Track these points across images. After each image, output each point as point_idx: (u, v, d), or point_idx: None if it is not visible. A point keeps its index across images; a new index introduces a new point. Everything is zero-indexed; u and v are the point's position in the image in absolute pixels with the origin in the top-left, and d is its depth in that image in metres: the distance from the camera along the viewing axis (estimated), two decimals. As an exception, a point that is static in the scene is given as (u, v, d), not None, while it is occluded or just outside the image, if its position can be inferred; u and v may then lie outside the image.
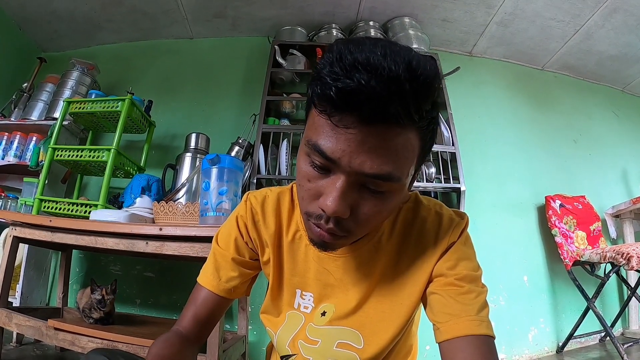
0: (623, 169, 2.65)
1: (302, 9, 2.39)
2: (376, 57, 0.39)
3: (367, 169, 0.42)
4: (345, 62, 0.39)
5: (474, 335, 0.50)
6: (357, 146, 0.41)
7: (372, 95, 0.38)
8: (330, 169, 0.44)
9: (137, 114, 1.94)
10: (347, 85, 0.38)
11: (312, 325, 0.65)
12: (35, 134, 2.15)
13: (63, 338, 1.34)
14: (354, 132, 0.41)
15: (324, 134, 0.43)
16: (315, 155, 0.44)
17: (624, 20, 2.32)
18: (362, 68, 0.38)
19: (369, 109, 0.39)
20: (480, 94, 2.57)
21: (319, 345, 0.64)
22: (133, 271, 2.03)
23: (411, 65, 0.39)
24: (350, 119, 0.40)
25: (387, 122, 0.40)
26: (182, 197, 1.71)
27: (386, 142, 0.41)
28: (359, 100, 0.39)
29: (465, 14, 2.38)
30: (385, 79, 0.38)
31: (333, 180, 0.44)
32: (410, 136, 0.43)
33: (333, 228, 0.47)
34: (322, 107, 0.42)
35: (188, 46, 2.61)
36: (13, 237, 1.53)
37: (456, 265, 0.56)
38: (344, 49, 0.40)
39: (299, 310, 0.66)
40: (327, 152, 0.42)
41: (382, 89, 0.38)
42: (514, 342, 2.03)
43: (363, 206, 0.46)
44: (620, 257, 1.73)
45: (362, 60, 0.39)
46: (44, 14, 2.41)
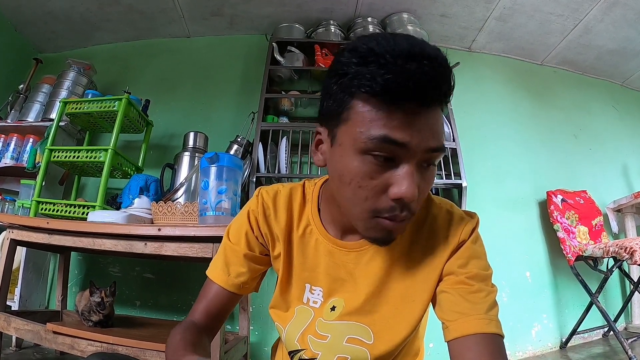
0: (623, 164, 2.64)
1: (299, 6, 2.37)
2: (417, 46, 0.44)
3: (432, 144, 0.46)
4: (392, 54, 0.43)
5: (483, 334, 0.50)
6: (423, 126, 0.46)
7: (431, 79, 0.43)
8: (395, 158, 0.47)
9: (134, 114, 1.92)
10: (409, 72, 0.42)
11: (322, 320, 0.64)
12: (32, 136, 2.14)
13: (62, 342, 1.33)
14: (418, 116, 0.45)
15: (389, 124, 0.45)
16: (383, 147, 0.46)
17: (623, 14, 2.31)
18: (411, 57, 0.42)
19: (429, 92, 0.44)
20: (480, 89, 2.56)
21: (328, 340, 0.63)
22: (132, 272, 2.01)
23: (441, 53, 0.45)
24: (413, 103, 0.44)
25: (437, 103, 0.46)
26: (181, 197, 1.69)
27: (437, 120, 0.47)
28: (421, 85, 0.43)
29: (463, 9, 2.36)
30: (436, 64, 0.43)
31: (402, 167, 0.47)
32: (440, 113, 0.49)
33: (407, 214, 0.49)
34: (383, 98, 0.44)
35: (185, 45, 2.59)
36: (10, 240, 1.51)
37: (467, 263, 0.57)
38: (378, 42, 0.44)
39: (308, 305, 0.66)
40: (399, 139, 0.45)
41: (436, 73, 0.43)
42: (517, 339, 2.02)
43: (423, 184, 0.49)
44: (624, 252, 1.72)
45: (407, 50, 0.43)
46: (41, 15, 2.39)
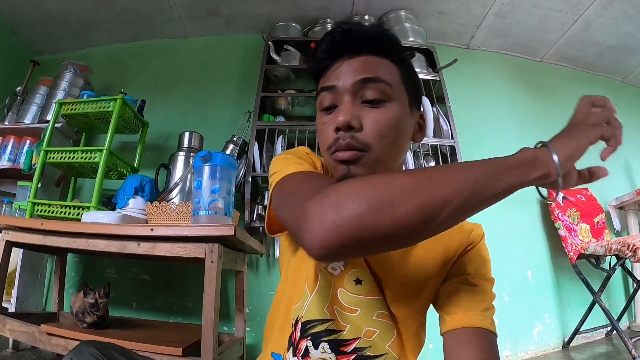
0: (626, 160, 2.61)
1: (296, 4, 2.36)
2: (345, 22, 0.59)
3: (358, 77, 0.55)
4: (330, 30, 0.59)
5: (477, 328, 0.54)
6: (344, 71, 0.56)
7: (345, 33, 0.57)
8: (335, 104, 0.57)
9: (129, 114, 1.92)
10: (333, 34, 0.58)
11: (346, 292, 0.61)
12: (29, 138, 2.13)
13: (56, 343, 1.32)
14: (341, 62, 0.57)
15: (324, 79, 0.59)
16: (321, 95, 0.59)
17: (623, 10, 2.29)
18: (337, 27, 0.58)
19: (346, 43, 0.57)
20: (479, 86, 2.54)
21: (358, 313, 0.61)
22: (129, 274, 2.00)
23: (375, 24, 0.58)
24: (338, 59, 0.58)
25: (363, 50, 0.57)
26: (175, 197, 1.68)
27: (367, 61, 0.57)
28: (340, 40, 0.57)
29: (461, 6, 2.35)
30: (352, 26, 0.57)
31: (339, 106, 0.56)
32: (387, 62, 0.58)
33: (350, 142, 0.53)
34: (319, 63, 0.60)
35: (182, 45, 2.58)
36: (5, 241, 1.50)
37: (472, 265, 0.61)
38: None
39: (327, 270, 0.62)
40: (328, 84, 0.57)
41: (349, 29, 0.57)
42: (518, 339, 1.99)
43: (369, 117, 0.55)
44: (626, 249, 1.70)
45: (337, 25, 0.59)
46: (37, 17, 2.39)
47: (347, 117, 0.53)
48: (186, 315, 1.91)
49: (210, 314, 1.18)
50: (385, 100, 0.55)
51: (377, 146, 0.54)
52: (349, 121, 0.53)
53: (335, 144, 0.55)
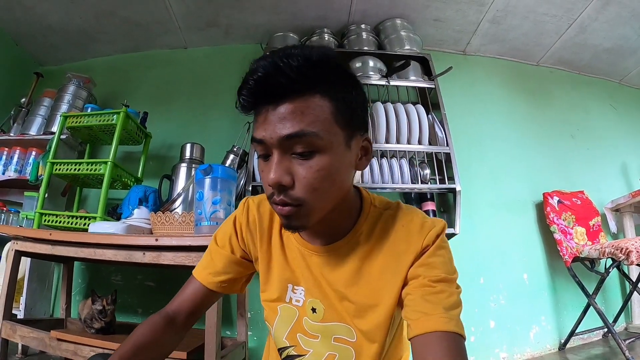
0: (622, 163, 2.64)
1: (294, 14, 2.39)
2: (262, 59, 0.52)
3: (283, 132, 0.51)
4: (246, 75, 0.53)
5: (442, 332, 0.52)
6: (271, 121, 0.52)
7: (260, 82, 0.51)
8: (268, 153, 0.55)
9: (132, 126, 1.96)
10: (246, 85, 0.53)
11: (308, 320, 0.69)
12: (35, 149, 2.18)
13: (66, 348, 1.37)
14: (266, 114, 0.53)
15: (254, 128, 0.56)
16: (255, 147, 0.57)
17: (618, 12, 2.31)
18: (253, 72, 0.52)
19: (264, 92, 0.52)
20: (475, 92, 2.57)
21: (319, 339, 0.69)
22: (134, 281, 2.05)
23: (286, 52, 0.51)
24: (261, 106, 0.54)
25: (284, 96, 0.52)
26: (178, 207, 1.72)
27: (291, 109, 0.52)
28: (256, 90, 0.52)
29: (457, 13, 2.38)
30: (267, 68, 0.51)
31: (271, 159, 0.55)
32: (314, 99, 0.52)
33: (283, 199, 0.54)
34: (242, 110, 0.56)
35: (182, 56, 2.62)
36: (15, 251, 1.56)
37: (430, 268, 0.59)
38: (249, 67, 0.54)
39: (291, 304, 0.70)
40: (257, 136, 0.55)
41: (265, 76, 0.51)
42: (515, 341, 2.03)
43: (300, 171, 0.53)
44: (620, 252, 1.73)
45: (253, 67, 0.52)
46: (39, 28, 2.44)
47: (276, 177, 0.53)
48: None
49: (213, 319, 1.24)
50: (314, 151, 0.53)
51: (311, 200, 0.55)
52: (278, 182, 0.53)
53: (271, 197, 0.56)
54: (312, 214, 0.56)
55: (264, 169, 0.56)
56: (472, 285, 2.08)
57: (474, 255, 2.13)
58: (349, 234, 0.65)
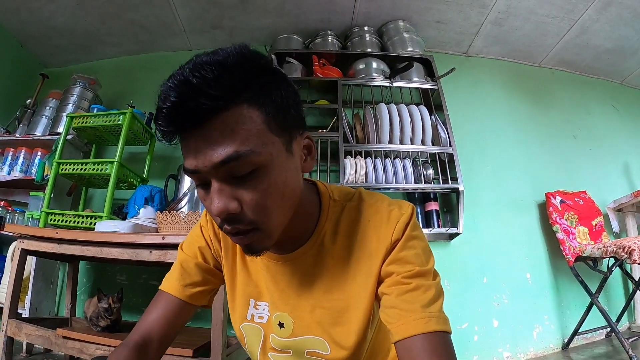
0: (624, 162, 2.64)
1: (297, 17, 2.42)
2: (173, 77, 0.44)
3: (215, 159, 0.45)
4: (161, 91, 0.45)
5: (423, 334, 0.49)
6: (198, 147, 0.46)
7: (175, 107, 0.43)
8: (205, 181, 0.49)
9: (138, 127, 1.98)
10: (161, 112, 0.44)
11: (275, 337, 0.64)
12: (40, 149, 2.20)
13: (72, 346, 1.38)
14: (190, 139, 0.46)
15: (183, 154, 0.48)
16: (189, 176, 0.50)
17: (619, 13, 2.33)
18: (167, 91, 0.44)
19: (182, 117, 0.44)
20: (477, 93, 2.59)
21: (291, 354, 0.64)
22: (139, 280, 2.06)
23: (196, 63, 0.44)
24: (183, 134, 0.47)
25: (204, 115, 0.44)
26: (184, 207, 1.74)
27: (216, 129, 0.45)
28: (173, 118, 0.44)
29: (459, 15, 2.40)
30: (177, 88, 0.43)
31: (211, 187, 0.48)
32: (238, 111, 0.45)
33: (235, 227, 0.49)
34: (166, 137, 0.47)
35: (187, 57, 2.51)
36: (21, 249, 1.56)
37: (403, 262, 0.55)
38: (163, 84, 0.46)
39: (253, 322, 0.66)
40: (188, 167, 0.48)
41: (178, 97, 0.43)
42: (518, 340, 2.03)
43: (245, 195, 0.48)
44: (622, 251, 1.73)
45: (166, 87, 0.44)
46: (45, 30, 2.47)
47: (220, 207, 0.47)
48: (195, 320, 1.97)
49: (219, 317, 1.25)
50: (255, 170, 0.47)
51: (265, 221, 0.50)
52: (224, 211, 0.47)
53: (222, 228, 0.50)
54: (270, 234, 0.52)
55: (205, 198, 0.50)
56: (476, 285, 2.09)
57: (477, 255, 2.14)
58: (312, 236, 0.60)
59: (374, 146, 2.02)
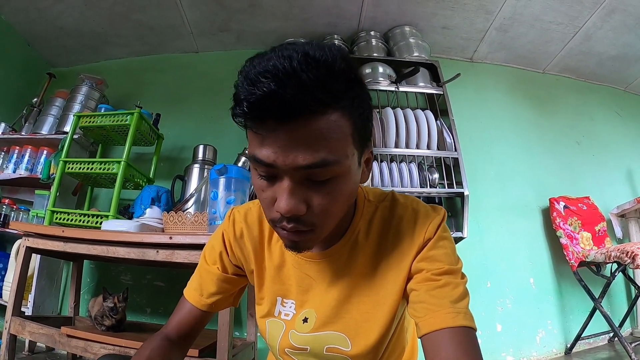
0: (628, 169, 2.65)
1: (305, 21, 2.43)
2: (273, 61, 0.42)
3: (301, 162, 0.44)
4: (249, 77, 0.42)
5: (450, 328, 0.50)
6: (285, 144, 0.44)
7: (274, 96, 0.41)
8: (275, 175, 0.47)
9: (145, 127, 1.99)
10: (253, 96, 0.41)
11: (295, 332, 0.65)
12: (46, 148, 2.21)
13: (76, 345, 1.37)
14: (278, 133, 0.43)
15: (256, 145, 0.46)
16: (257, 166, 0.48)
17: (623, 21, 2.35)
18: (262, 76, 0.41)
19: (278, 109, 0.42)
20: (482, 99, 2.60)
21: (309, 351, 0.65)
22: (143, 280, 2.06)
23: (307, 57, 0.42)
24: (269, 123, 0.43)
25: (302, 114, 0.42)
26: (190, 207, 1.74)
27: (310, 132, 0.43)
28: (267, 105, 0.42)
29: (464, 21, 2.42)
30: (281, 77, 0.41)
31: (280, 183, 0.47)
32: (333, 118, 0.44)
33: (295, 226, 0.49)
34: (245, 123, 0.46)
35: (194, 60, 2.66)
36: (26, 247, 1.56)
37: (433, 260, 0.56)
38: (249, 65, 0.44)
39: (280, 318, 0.67)
40: (264, 159, 0.45)
41: (280, 87, 0.40)
42: (521, 345, 2.03)
43: (315, 198, 0.48)
44: (625, 256, 1.74)
45: (262, 70, 0.42)
46: (52, 30, 2.48)
47: (291, 207, 0.46)
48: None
49: (225, 318, 1.25)
50: (332, 177, 0.47)
51: (325, 224, 0.51)
52: (293, 212, 0.47)
53: (279, 223, 0.50)
54: (321, 236, 0.53)
55: (266, 189, 0.49)
56: (479, 289, 2.09)
57: (481, 259, 2.14)
58: (346, 234, 0.61)
59: (380, 150, 2.03)
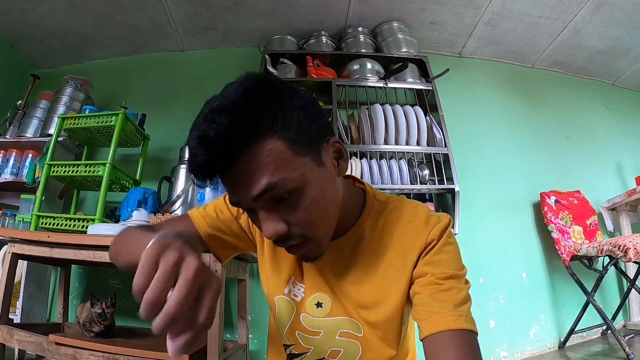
0: (617, 162, 2.67)
1: (290, 19, 2.41)
2: (194, 132, 0.47)
3: (253, 194, 0.48)
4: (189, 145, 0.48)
5: (452, 330, 0.51)
6: (234, 187, 0.50)
7: (203, 166, 0.47)
8: (251, 208, 0.53)
9: (131, 128, 1.96)
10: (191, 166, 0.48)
11: (309, 316, 0.67)
12: (31, 151, 2.17)
13: (64, 352, 1.34)
14: (226, 181, 0.50)
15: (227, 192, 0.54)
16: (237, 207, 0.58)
17: (611, 14, 2.35)
18: (191, 148, 0.48)
19: (211, 172, 0.48)
20: (471, 94, 2.60)
21: (321, 335, 0.66)
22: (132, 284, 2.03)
23: (212, 108, 0.47)
24: (218, 176, 0.50)
25: (231, 164, 0.47)
26: (178, 209, 1.72)
27: (246, 169, 0.47)
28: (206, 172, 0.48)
29: (453, 16, 2.41)
30: (202, 142, 0.45)
31: (258, 214, 0.53)
32: (262, 147, 0.47)
33: (290, 242, 0.54)
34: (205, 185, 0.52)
35: (180, 59, 2.63)
36: (12, 254, 1.53)
37: (438, 265, 0.58)
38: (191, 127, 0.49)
39: (290, 297, 0.68)
40: (232, 201, 0.53)
41: (203, 154, 0.46)
42: (515, 340, 2.03)
43: (291, 215, 0.52)
44: (617, 250, 1.75)
45: (191, 140, 0.47)
46: (36, 31, 2.43)
47: (271, 231, 0.51)
48: (189, 324, 1.94)
49: (215, 321, 1.22)
50: (292, 192, 0.49)
51: (313, 232, 0.54)
52: (275, 235, 0.51)
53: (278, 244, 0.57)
54: (321, 242, 0.56)
55: (255, 221, 0.55)
56: (472, 285, 2.07)
57: (473, 255, 2.14)
58: (353, 228, 0.64)
59: (369, 147, 2.01)
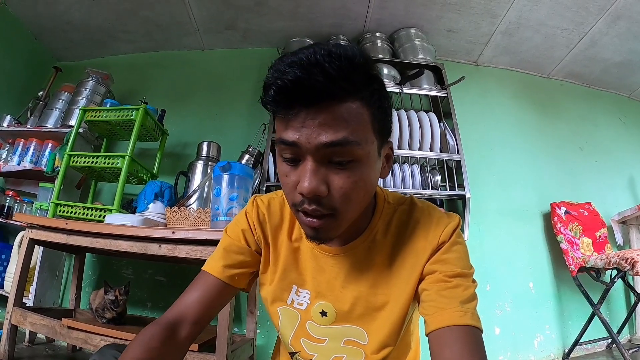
0: (630, 176, 2.65)
1: (311, 21, 2.44)
2: (299, 55, 0.47)
3: (324, 139, 0.48)
4: (278, 69, 0.47)
5: (458, 326, 0.52)
6: (309, 125, 0.48)
7: (300, 82, 0.46)
8: (298, 157, 0.51)
9: (150, 123, 2.00)
10: (279, 82, 0.47)
11: (314, 324, 0.67)
12: (51, 141, 2.22)
13: (76, 336, 1.39)
14: (302, 115, 0.48)
15: (282, 129, 0.51)
16: (282, 148, 0.52)
17: (628, 27, 2.34)
18: (289, 67, 0.46)
19: (303, 94, 0.47)
20: (486, 102, 2.60)
21: (325, 343, 0.67)
22: (145, 275, 2.07)
23: (330, 51, 0.46)
24: (295, 107, 0.48)
25: (325, 99, 0.47)
26: (193, 203, 1.75)
27: (332, 115, 0.48)
28: (293, 91, 0.47)
29: (470, 24, 2.42)
30: (307, 67, 0.45)
31: (303, 165, 0.51)
32: (354, 106, 0.49)
33: (317, 208, 0.52)
34: (272, 109, 0.50)
35: (200, 57, 2.68)
36: (29, 239, 1.57)
37: (446, 263, 0.59)
38: (278, 60, 0.49)
39: (292, 307, 0.69)
40: (288, 139, 0.50)
41: (306, 74, 0.45)
42: (519, 349, 2.03)
43: (337, 180, 0.51)
44: (625, 262, 1.74)
45: (289, 62, 0.47)
46: (60, 24, 2.50)
47: (313, 187, 0.49)
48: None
49: (225, 314, 1.26)
50: (353, 161, 0.51)
51: (344, 210, 0.53)
52: (315, 192, 0.50)
53: (301, 206, 0.53)
54: (342, 224, 0.55)
55: (289, 174, 0.53)
56: (478, 292, 2.07)
57: (481, 262, 2.15)
58: (365, 232, 0.64)
59: (383, 151, 2.03)
